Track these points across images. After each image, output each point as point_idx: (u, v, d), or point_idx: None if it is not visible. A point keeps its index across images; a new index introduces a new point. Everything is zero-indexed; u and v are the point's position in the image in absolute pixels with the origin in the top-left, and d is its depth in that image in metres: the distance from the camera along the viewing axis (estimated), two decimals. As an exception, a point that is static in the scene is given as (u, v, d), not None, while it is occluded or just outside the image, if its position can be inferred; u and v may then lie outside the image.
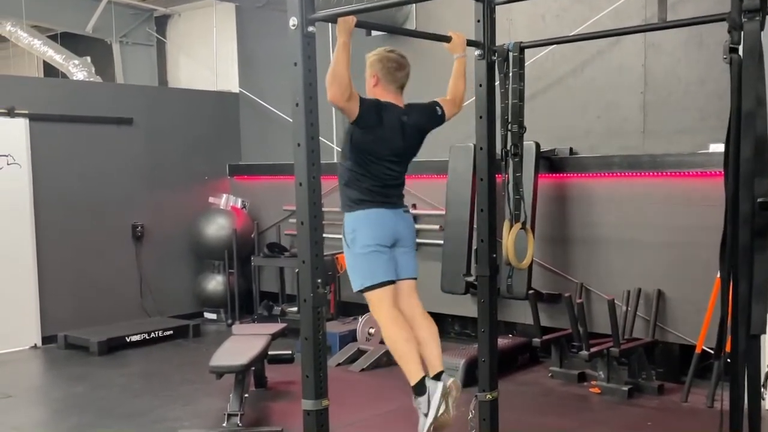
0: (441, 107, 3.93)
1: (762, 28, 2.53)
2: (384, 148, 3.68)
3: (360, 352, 6.12)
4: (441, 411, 3.54)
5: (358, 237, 3.67)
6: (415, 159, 3.91)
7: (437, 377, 3.63)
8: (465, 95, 4.00)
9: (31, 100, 6.94)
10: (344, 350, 6.21)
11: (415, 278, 3.87)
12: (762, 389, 2.65)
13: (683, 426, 4.62)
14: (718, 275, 2.76)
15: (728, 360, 2.61)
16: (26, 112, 6.85)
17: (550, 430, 4.62)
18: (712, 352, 4.88)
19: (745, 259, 2.51)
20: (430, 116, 3.90)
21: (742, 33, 2.53)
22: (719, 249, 2.65)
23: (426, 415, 3.57)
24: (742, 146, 2.50)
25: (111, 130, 7.48)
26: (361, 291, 3.72)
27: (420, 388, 3.59)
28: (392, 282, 3.71)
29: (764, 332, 2.54)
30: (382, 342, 6.36)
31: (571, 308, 5.22)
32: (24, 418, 5.14)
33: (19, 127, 6.81)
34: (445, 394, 3.54)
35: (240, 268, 7.84)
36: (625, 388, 5.13)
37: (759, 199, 2.43)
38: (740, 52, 2.54)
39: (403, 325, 3.65)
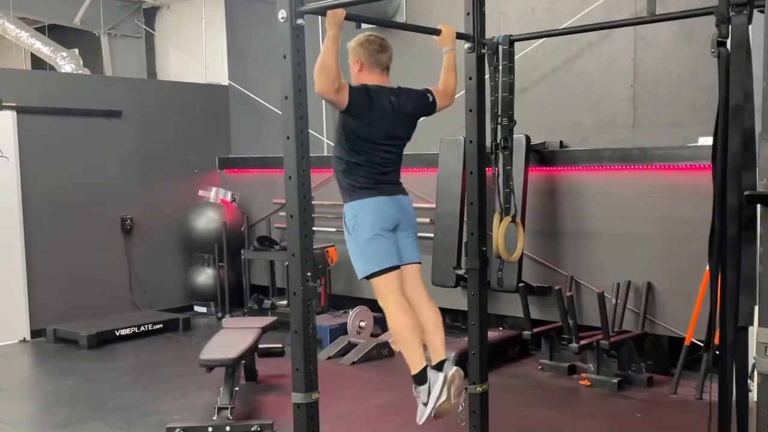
0: (432, 94, 3.89)
1: (750, 21, 2.54)
2: (377, 131, 3.64)
3: (350, 345, 6.13)
4: (442, 400, 3.52)
5: (359, 223, 3.63)
6: (405, 152, 3.88)
7: (440, 366, 3.60)
8: (456, 88, 3.98)
9: (19, 92, 6.89)
10: (335, 343, 6.21)
11: (419, 263, 3.84)
12: (749, 381, 2.67)
13: (672, 418, 4.65)
14: (707, 268, 2.78)
15: (716, 352, 2.62)
16: (14, 104, 6.80)
17: (540, 422, 4.64)
18: (701, 344, 4.92)
19: (732, 251, 2.52)
20: (421, 100, 3.85)
21: (730, 27, 2.53)
22: (707, 242, 2.66)
23: (425, 404, 3.56)
24: (730, 140, 2.51)
25: (100, 122, 7.43)
26: (366, 278, 3.67)
27: (421, 378, 3.58)
28: (397, 267, 3.67)
29: (752, 324, 2.55)
30: (372, 335, 6.41)
31: (561, 301, 5.25)
32: (14, 412, 5.12)
33: (7, 119, 6.76)
34: (447, 384, 3.52)
35: (230, 261, 7.83)
36: (615, 381, 5.15)
37: (746, 192, 2.44)
38: (728, 46, 2.55)
39: (408, 312, 3.63)
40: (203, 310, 8.00)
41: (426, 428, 4.19)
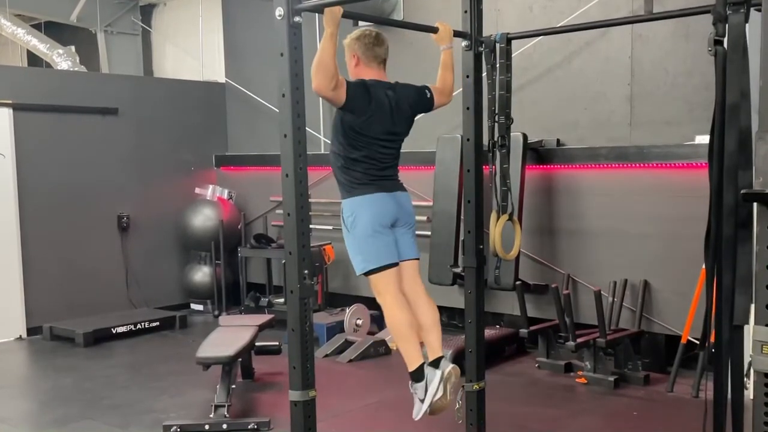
0: (430, 91, 3.89)
1: (746, 20, 2.54)
2: (375, 126, 3.62)
3: (347, 343, 6.13)
4: (438, 396, 3.55)
5: (358, 220, 3.62)
6: (402, 150, 3.87)
7: (436, 363, 3.62)
8: (454, 86, 3.99)
9: (15, 89, 6.88)
10: (332, 341, 6.21)
11: (418, 259, 3.85)
12: (745, 379, 2.67)
13: (669, 416, 4.66)
14: (704, 266, 2.78)
15: (712, 350, 2.62)
16: (10, 102, 6.79)
17: (536, 420, 4.65)
18: (697, 342, 4.93)
19: (728, 250, 2.52)
20: (419, 96, 3.84)
21: (727, 25, 2.53)
22: (704, 240, 2.66)
23: (422, 401, 3.58)
24: (727, 139, 2.51)
25: (96, 120, 7.42)
26: (365, 274, 3.67)
27: (418, 375, 3.60)
28: (395, 264, 3.66)
29: (747, 323, 2.55)
30: (369, 333, 6.42)
31: (558, 299, 5.25)
32: (10, 409, 5.11)
33: (3, 117, 6.75)
34: (443, 381, 3.55)
35: (227, 259, 7.82)
36: (612, 379, 5.16)
37: (743, 191, 2.44)
38: (725, 45, 2.55)
39: (406, 308, 3.63)
40: (200, 307, 7.99)
41: (423, 426, 4.19)
